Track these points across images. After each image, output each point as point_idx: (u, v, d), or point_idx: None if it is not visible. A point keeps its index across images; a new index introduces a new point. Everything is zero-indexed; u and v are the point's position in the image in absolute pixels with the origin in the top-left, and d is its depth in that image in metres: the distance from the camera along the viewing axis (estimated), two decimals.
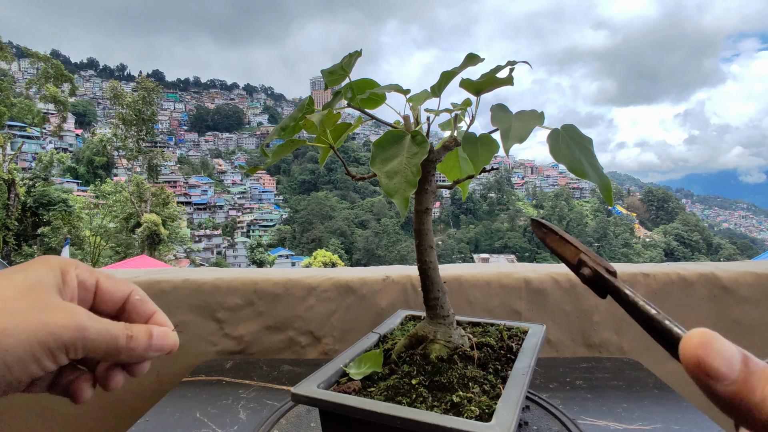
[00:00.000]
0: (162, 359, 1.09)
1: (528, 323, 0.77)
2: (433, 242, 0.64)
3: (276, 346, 1.10)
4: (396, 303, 1.08)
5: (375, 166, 0.55)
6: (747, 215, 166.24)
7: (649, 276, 1.08)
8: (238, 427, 0.74)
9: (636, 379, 0.88)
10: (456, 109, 0.61)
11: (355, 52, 0.62)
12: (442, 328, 0.64)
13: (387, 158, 0.56)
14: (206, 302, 1.09)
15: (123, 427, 1.03)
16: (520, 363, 0.61)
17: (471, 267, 1.15)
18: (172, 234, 23.08)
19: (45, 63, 20.24)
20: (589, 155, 0.54)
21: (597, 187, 0.53)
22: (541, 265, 1.16)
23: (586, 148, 0.54)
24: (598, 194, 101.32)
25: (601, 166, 0.54)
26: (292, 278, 1.10)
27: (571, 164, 0.53)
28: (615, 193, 25.35)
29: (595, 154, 0.54)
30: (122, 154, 25.22)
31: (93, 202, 24.63)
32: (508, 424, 0.46)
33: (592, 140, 0.56)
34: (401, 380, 0.59)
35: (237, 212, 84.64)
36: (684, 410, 0.75)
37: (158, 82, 36.59)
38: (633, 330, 1.08)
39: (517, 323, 0.78)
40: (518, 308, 1.08)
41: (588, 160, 0.53)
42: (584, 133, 0.56)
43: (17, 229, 18.00)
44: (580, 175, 0.53)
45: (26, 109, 20.28)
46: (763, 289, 1.07)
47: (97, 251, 21.08)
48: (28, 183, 19.27)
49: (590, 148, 0.55)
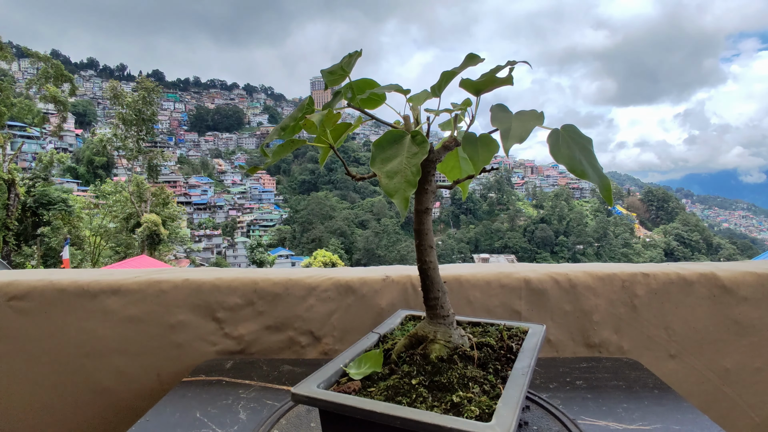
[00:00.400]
0: (162, 359, 1.09)
1: (528, 323, 0.77)
2: (433, 242, 0.64)
3: (276, 346, 1.10)
4: (396, 303, 1.08)
5: (375, 165, 0.56)
6: (747, 215, 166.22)
7: (649, 276, 1.08)
8: (238, 427, 0.74)
9: (636, 379, 0.88)
10: (456, 109, 0.61)
11: (354, 52, 0.62)
12: (442, 328, 0.64)
13: (387, 158, 0.56)
14: (206, 302, 1.09)
15: (123, 427, 1.03)
16: (520, 363, 0.61)
17: (471, 267, 1.15)
18: (172, 234, 23.07)
19: (45, 63, 20.23)
20: (588, 155, 0.54)
21: (597, 187, 0.53)
22: (541, 265, 1.16)
23: (586, 148, 0.55)
24: (598, 194, 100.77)
25: (600, 166, 0.54)
26: (292, 278, 1.10)
27: (571, 164, 0.53)
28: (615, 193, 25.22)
29: (594, 155, 0.55)
30: (122, 154, 25.21)
31: (93, 202, 24.62)
32: (508, 425, 0.47)
33: (592, 140, 0.56)
34: (401, 380, 0.59)
35: (237, 212, 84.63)
36: (684, 410, 0.75)
37: (158, 82, 36.59)
38: (633, 330, 1.08)
39: (517, 323, 0.78)
40: (518, 308, 1.08)
41: (588, 160, 0.53)
42: (584, 133, 0.56)
43: (17, 229, 17.99)
44: (579, 175, 0.53)
45: (26, 109, 20.28)
46: (763, 289, 1.07)
47: (97, 251, 21.07)
48: (28, 183, 19.25)
49: (590, 148, 0.55)
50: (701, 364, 1.06)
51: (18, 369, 1.07)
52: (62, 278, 1.09)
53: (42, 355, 1.07)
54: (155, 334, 1.08)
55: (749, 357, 1.07)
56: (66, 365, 1.08)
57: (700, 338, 1.07)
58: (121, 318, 1.07)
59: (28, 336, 1.07)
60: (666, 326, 1.07)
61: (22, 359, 1.07)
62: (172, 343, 1.08)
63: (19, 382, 1.07)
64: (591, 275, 1.09)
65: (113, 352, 1.08)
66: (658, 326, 1.07)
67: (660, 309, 1.07)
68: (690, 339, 1.07)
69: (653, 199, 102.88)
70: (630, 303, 1.07)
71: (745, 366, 1.06)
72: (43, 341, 1.07)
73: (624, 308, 1.08)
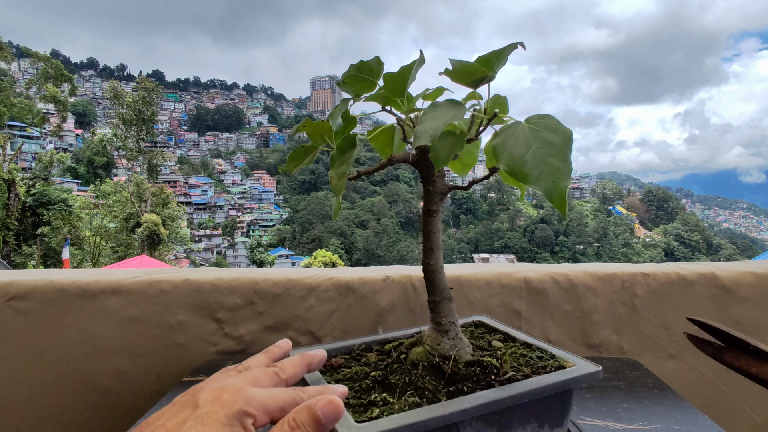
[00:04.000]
0: (162, 359, 1.09)
1: (576, 358, 0.60)
2: (437, 244, 0.63)
3: None
4: (396, 303, 1.09)
5: (332, 167, 0.58)
6: (747, 215, 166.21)
7: (649, 276, 1.08)
8: None
9: (636, 379, 0.88)
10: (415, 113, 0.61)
11: (375, 58, 0.59)
12: (434, 334, 0.62)
13: (342, 161, 0.58)
14: (206, 302, 1.09)
15: (123, 427, 1.03)
16: (495, 392, 0.52)
17: (471, 267, 1.15)
18: (172, 234, 23.07)
19: (45, 63, 20.23)
20: (558, 152, 0.44)
21: (542, 193, 0.43)
22: (541, 265, 1.16)
23: (554, 144, 0.45)
24: (598, 194, 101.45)
25: (569, 167, 0.44)
26: (292, 278, 1.10)
27: (510, 167, 0.45)
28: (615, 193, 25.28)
29: (566, 151, 0.45)
30: (122, 154, 25.21)
31: (93, 202, 24.62)
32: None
33: (571, 133, 0.46)
34: (362, 369, 0.61)
35: (237, 212, 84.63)
36: (684, 410, 0.75)
37: (158, 82, 36.57)
38: (633, 330, 1.08)
39: (565, 354, 0.63)
40: (518, 308, 1.08)
41: (546, 157, 0.44)
42: (563, 125, 0.47)
43: (17, 229, 18.00)
44: (521, 179, 0.44)
45: (26, 109, 20.27)
46: (763, 289, 1.07)
47: (97, 251, 21.08)
48: (28, 183, 19.26)
49: (562, 143, 0.45)
50: (701, 364, 1.06)
51: (18, 369, 1.07)
52: (62, 278, 1.09)
53: (42, 356, 1.07)
54: (155, 334, 1.08)
55: None
56: (66, 366, 1.07)
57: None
58: (121, 318, 1.07)
59: (27, 336, 1.07)
60: (666, 326, 1.07)
61: (22, 360, 1.07)
62: (172, 343, 1.08)
63: (18, 382, 1.07)
64: (591, 275, 1.09)
65: (113, 352, 1.08)
66: (658, 326, 1.07)
67: (660, 309, 1.07)
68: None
69: (653, 199, 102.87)
70: (630, 303, 1.07)
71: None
72: (42, 341, 1.07)
73: (624, 308, 1.08)
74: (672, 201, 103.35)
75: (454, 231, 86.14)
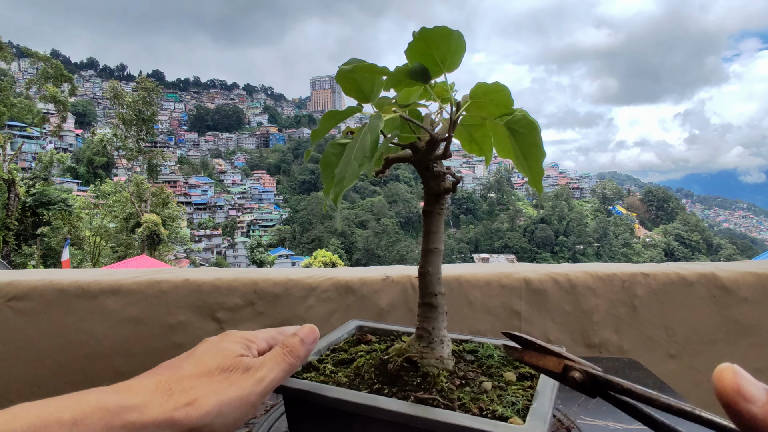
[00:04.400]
0: (162, 360, 1.09)
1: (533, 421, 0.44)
2: (434, 246, 0.59)
3: None
4: (396, 303, 1.09)
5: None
6: (747, 215, 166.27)
7: (649, 276, 1.08)
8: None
9: (636, 379, 0.88)
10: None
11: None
12: (416, 342, 0.57)
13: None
14: (206, 302, 1.09)
15: None
16: (407, 406, 0.47)
17: (471, 267, 1.15)
18: (172, 234, 23.09)
19: (45, 63, 20.25)
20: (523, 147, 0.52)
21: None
22: (541, 265, 1.16)
23: (527, 141, 0.52)
24: (598, 194, 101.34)
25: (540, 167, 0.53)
26: (292, 278, 1.10)
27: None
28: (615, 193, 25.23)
29: (536, 149, 0.51)
30: (122, 154, 25.23)
31: (93, 202, 24.63)
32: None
33: (537, 125, 0.50)
34: (354, 350, 0.64)
35: (237, 212, 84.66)
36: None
37: (158, 82, 36.59)
38: (633, 330, 1.08)
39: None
40: (518, 308, 1.08)
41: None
42: (531, 118, 0.51)
43: (17, 229, 18.00)
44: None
45: (26, 109, 20.29)
46: (763, 289, 1.07)
47: (97, 251, 21.09)
48: (28, 183, 19.27)
49: (530, 137, 0.51)
50: (701, 364, 1.06)
51: (18, 370, 1.07)
52: (62, 278, 1.09)
53: (42, 356, 1.07)
54: (155, 334, 1.08)
55: (749, 357, 1.07)
56: (66, 366, 1.07)
57: (700, 338, 1.07)
58: (121, 318, 1.07)
59: (27, 337, 1.07)
60: (666, 326, 1.07)
61: (22, 360, 1.07)
62: (172, 343, 1.08)
63: (18, 382, 1.07)
64: (591, 275, 1.09)
65: (113, 352, 1.08)
66: (658, 326, 1.07)
67: (660, 309, 1.07)
68: (690, 339, 1.07)
69: (653, 199, 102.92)
70: (630, 303, 1.07)
71: (745, 366, 1.05)
72: (42, 342, 1.07)
73: (624, 308, 1.08)
74: (672, 201, 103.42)
75: (454, 231, 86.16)
